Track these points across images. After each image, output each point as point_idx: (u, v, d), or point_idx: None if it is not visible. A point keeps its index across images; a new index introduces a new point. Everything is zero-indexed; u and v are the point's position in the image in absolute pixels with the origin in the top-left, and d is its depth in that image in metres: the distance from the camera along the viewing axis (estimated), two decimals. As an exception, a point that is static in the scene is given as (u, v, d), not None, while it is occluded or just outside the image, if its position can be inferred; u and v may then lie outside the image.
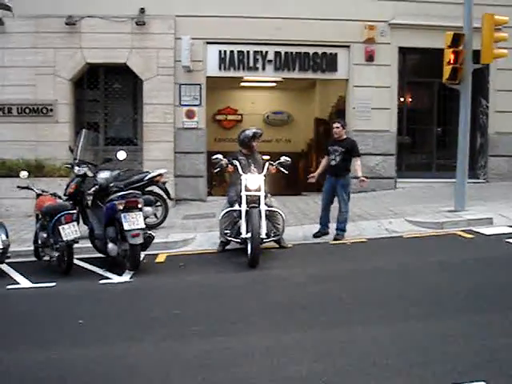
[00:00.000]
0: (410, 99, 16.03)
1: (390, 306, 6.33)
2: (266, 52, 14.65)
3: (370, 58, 14.68)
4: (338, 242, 9.66)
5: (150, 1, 14.02)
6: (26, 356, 5.29)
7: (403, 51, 15.00)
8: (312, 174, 10.34)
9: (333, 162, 10.01)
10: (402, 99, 15.38)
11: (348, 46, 14.73)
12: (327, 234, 10.04)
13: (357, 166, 9.92)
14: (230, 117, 21.57)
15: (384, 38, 14.64)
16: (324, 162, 10.31)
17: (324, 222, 10.11)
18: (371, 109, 14.49)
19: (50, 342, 5.67)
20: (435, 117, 15.69)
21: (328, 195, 10.10)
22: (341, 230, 9.84)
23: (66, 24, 13.83)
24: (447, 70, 11.05)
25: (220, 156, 9.41)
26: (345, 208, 9.85)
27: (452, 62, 10.99)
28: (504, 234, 9.53)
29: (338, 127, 10.05)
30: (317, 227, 10.11)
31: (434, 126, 15.76)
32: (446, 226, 10.32)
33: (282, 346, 5.26)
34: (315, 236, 10.03)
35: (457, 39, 10.98)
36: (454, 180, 11.61)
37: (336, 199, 10.01)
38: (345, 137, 10.13)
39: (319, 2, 14.41)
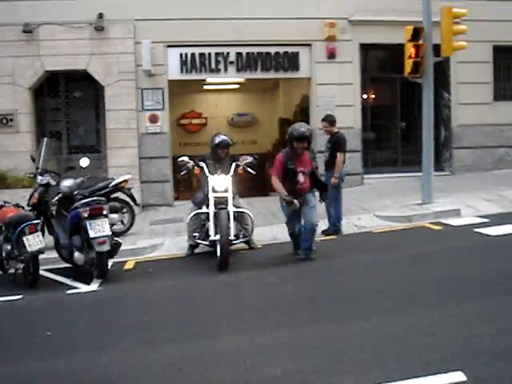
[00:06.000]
0: (374, 95, 16.06)
1: (362, 301, 6.30)
2: (228, 53, 14.56)
3: (331, 55, 14.69)
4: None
5: (109, 5, 13.78)
6: (-8, 371, 5.12)
7: (365, 48, 15.04)
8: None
9: (324, 158, 10.08)
10: (365, 95, 15.44)
11: (309, 45, 14.71)
12: (336, 231, 9.98)
13: (336, 161, 9.79)
14: (194, 121, 21.39)
15: (345, 35, 14.66)
16: None
17: (328, 218, 10.07)
18: (335, 106, 14.35)
19: (17, 355, 5.49)
20: (399, 112, 15.78)
21: None
22: (332, 224, 9.99)
23: (23, 32, 13.54)
24: (409, 64, 11.14)
25: (186, 158, 9.30)
26: (333, 204, 9.83)
27: (413, 55, 11.08)
28: (472, 224, 9.65)
29: (324, 126, 10.17)
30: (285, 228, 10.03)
31: (398, 120, 15.85)
32: (415, 219, 10.40)
33: (256, 346, 5.19)
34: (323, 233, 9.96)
35: (417, 33, 11.08)
36: (420, 173, 11.69)
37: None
38: (335, 131, 10.11)
39: (279, 1, 14.38)
